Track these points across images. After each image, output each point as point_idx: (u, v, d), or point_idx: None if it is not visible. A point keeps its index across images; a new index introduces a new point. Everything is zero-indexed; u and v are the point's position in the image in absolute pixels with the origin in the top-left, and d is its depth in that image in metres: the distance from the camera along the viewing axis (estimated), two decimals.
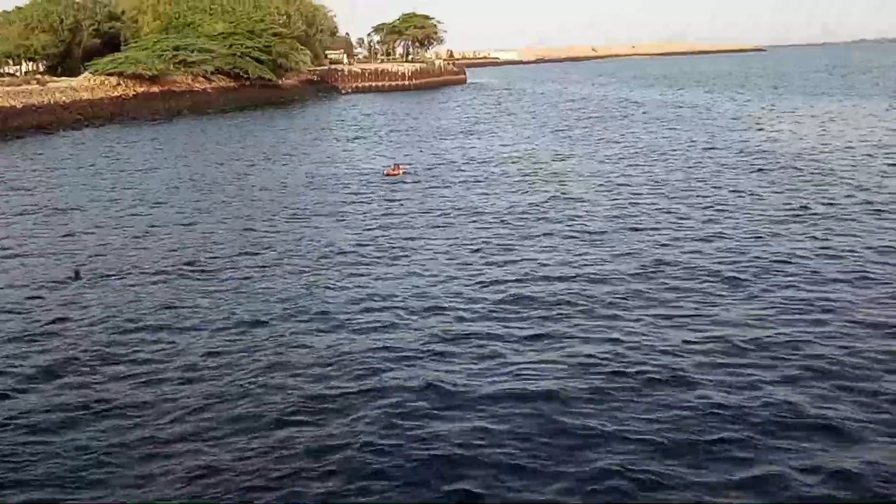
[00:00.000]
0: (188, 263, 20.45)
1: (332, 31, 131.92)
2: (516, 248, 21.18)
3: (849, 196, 26.21)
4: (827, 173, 30.75)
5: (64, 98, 67.20)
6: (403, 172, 34.15)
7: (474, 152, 41.99)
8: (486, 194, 29.40)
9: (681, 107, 69.05)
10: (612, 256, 19.86)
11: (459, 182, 32.32)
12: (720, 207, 25.40)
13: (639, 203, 26.66)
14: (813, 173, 30.89)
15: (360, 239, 22.82)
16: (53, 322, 16.08)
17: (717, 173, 32.17)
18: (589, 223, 23.82)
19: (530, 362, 13.32)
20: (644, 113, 63.95)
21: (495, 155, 40.62)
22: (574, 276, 18.17)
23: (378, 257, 20.66)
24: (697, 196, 27.49)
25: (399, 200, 28.66)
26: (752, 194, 27.29)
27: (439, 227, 24.18)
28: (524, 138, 48.66)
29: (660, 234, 22.03)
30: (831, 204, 25.10)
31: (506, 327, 15.03)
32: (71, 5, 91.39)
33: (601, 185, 30.67)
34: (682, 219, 23.95)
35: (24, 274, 20.01)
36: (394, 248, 21.66)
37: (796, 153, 36.38)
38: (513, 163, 37.67)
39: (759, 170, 32.38)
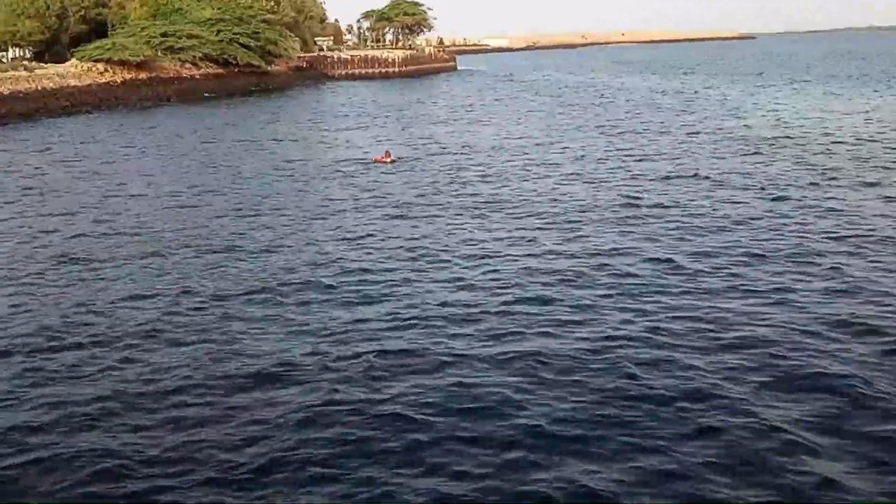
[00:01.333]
0: (172, 246, 20.43)
1: (321, 17, 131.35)
2: (506, 233, 21.28)
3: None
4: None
5: (51, 85, 66.70)
6: (391, 161, 34.01)
7: (464, 139, 41.97)
8: (476, 180, 29.43)
9: (664, 93, 69.33)
10: (592, 240, 19.98)
11: (448, 169, 32.30)
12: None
13: (626, 185, 26.80)
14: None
15: (346, 225, 22.85)
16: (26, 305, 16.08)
17: (696, 153, 32.45)
18: (575, 209, 23.94)
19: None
20: (627, 101, 64.12)
21: (485, 141, 40.63)
22: (559, 265, 18.25)
23: (364, 243, 20.68)
24: (676, 177, 27.64)
25: (387, 187, 28.66)
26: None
27: (427, 213, 24.21)
28: (514, 125, 48.70)
29: (657, 217, 22.15)
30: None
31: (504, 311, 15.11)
32: None
33: (585, 170, 30.81)
34: (676, 201, 24.07)
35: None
36: (380, 233, 21.70)
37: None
38: (503, 149, 37.70)
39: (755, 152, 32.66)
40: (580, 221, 22.41)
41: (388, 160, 34.01)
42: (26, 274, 18.56)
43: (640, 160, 32.91)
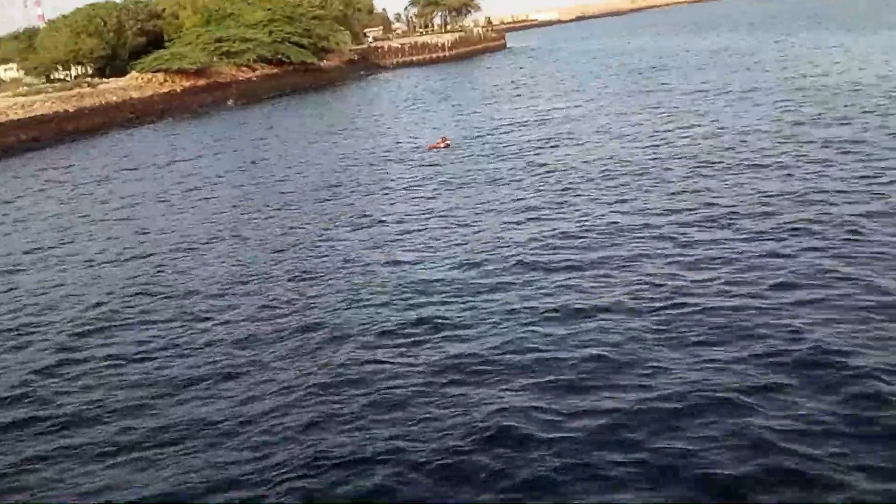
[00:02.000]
0: (259, 237, 21.51)
1: (368, 8, 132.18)
2: (565, 208, 21.77)
3: None
4: None
5: (115, 98, 68.93)
6: (446, 145, 34.63)
7: (518, 118, 42.29)
8: (533, 161, 29.78)
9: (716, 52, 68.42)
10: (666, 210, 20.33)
11: (503, 149, 32.78)
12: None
13: (683, 157, 26.94)
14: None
15: (404, 210, 23.61)
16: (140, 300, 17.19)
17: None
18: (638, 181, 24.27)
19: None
20: (679, 65, 63.51)
21: (539, 119, 40.89)
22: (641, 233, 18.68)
23: (426, 227, 21.40)
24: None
25: (443, 172, 29.28)
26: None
27: (484, 195, 24.79)
28: (568, 100, 48.76)
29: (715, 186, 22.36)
30: None
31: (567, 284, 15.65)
32: (113, 7, 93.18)
33: (645, 138, 30.99)
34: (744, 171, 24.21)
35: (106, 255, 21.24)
36: (440, 216, 22.40)
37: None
38: (559, 125, 38.03)
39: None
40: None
41: (443, 145, 34.63)
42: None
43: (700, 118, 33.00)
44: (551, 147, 31.84)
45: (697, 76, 51.91)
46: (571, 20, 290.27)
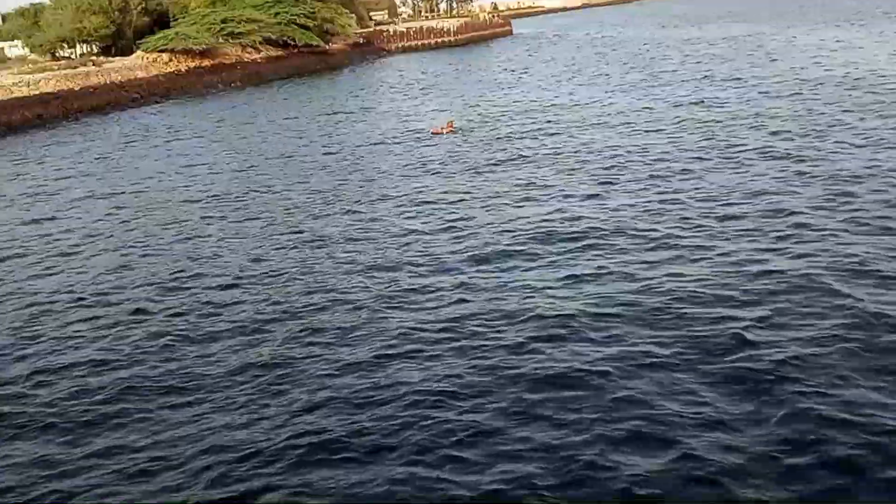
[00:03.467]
0: (258, 221, 21.57)
1: None
2: (573, 195, 21.83)
3: None
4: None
5: (119, 78, 68.77)
6: (451, 130, 34.59)
7: (524, 104, 42.28)
8: (536, 148, 29.85)
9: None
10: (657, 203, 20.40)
11: (509, 136, 32.82)
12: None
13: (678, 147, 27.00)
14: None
15: (408, 193, 23.68)
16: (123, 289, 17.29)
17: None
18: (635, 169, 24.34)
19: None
20: (686, 55, 63.47)
21: (545, 106, 40.88)
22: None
23: (427, 211, 21.48)
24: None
25: (449, 156, 29.32)
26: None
27: (486, 180, 24.86)
28: (575, 88, 48.71)
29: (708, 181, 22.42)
30: None
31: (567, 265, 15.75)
32: None
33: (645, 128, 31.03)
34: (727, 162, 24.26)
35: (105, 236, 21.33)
36: (440, 201, 22.48)
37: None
38: (564, 112, 38.08)
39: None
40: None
41: (447, 130, 34.58)
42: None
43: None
44: (556, 134, 31.88)
45: (693, 67, 51.90)
46: (578, 7, 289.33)
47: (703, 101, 36.27)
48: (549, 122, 35.12)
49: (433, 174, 26.58)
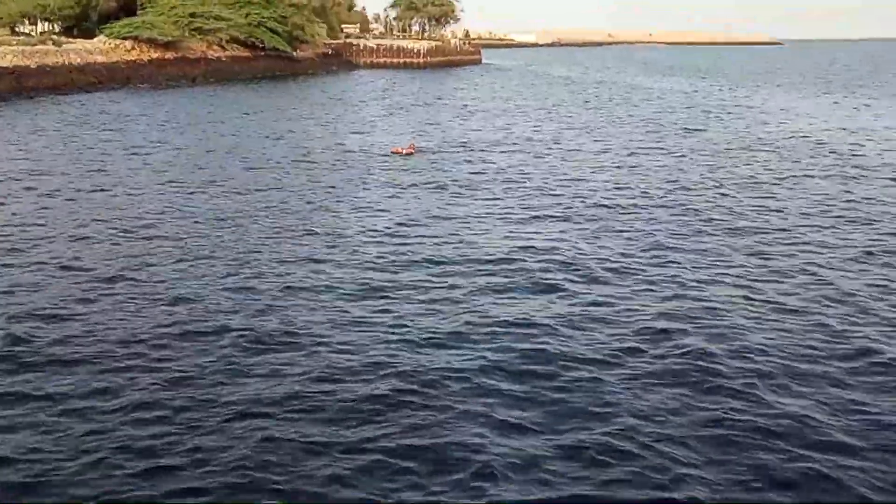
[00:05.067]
0: (177, 230, 20.77)
1: (349, 5, 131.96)
2: (524, 223, 21.50)
3: None
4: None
5: (79, 60, 67.37)
6: (407, 153, 33.94)
7: (487, 134, 42.05)
8: (497, 176, 29.56)
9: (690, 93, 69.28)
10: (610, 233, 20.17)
11: (469, 161, 32.50)
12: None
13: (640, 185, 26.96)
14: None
15: (361, 215, 23.13)
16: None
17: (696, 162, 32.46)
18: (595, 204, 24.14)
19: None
20: (649, 101, 64.16)
21: (508, 137, 40.72)
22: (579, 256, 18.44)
23: (378, 231, 20.95)
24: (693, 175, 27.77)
25: (406, 178, 28.83)
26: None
27: (443, 204, 24.44)
28: (536, 121, 48.75)
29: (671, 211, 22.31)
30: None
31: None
32: None
33: (607, 167, 30.98)
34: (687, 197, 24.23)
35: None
36: (394, 224, 21.96)
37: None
38: (526, 143, 37.99)
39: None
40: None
41: (406, 152, 34.03)
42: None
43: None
44: (518, 165, 31.64)
45: (644, 108, 52.48)
46: (548, 45, 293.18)
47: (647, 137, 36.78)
48: (510, 152, 34.90)
49: (386, 192, 26.07)
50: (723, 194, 26.29)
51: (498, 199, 25.39)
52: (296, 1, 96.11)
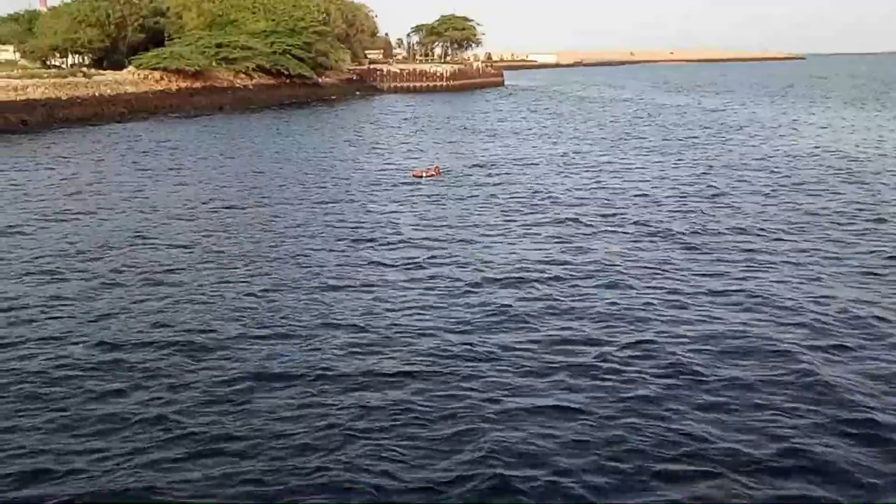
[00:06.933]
0: (207, 255, 21.34)
1: (372, 31, 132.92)
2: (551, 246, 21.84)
3: None
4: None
5: (109, 91, 68.68)
6: (428, 175, 34.32)
7: (511, 155, 42.44)
8: (522, 198, 29.90)
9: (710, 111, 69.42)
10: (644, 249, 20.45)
11: (494, 184, 32.87)
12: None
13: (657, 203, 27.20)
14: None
15: (390, 236, 23.59)
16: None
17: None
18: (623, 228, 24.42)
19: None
20: (674, 117, 64.36)
21: (531, 158, 41.09)
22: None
23: (400, 254, 21.38)
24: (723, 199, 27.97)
25: (429, 202, 29.24)
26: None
27: (469, 227, 24.84)
28: (562, 142, 49.09)
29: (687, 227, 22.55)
30: None
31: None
32: (118, 1, 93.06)
33: (631, 187, 31.26)
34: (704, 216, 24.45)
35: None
36: (416, 243, 22.39)
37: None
38: (552, 165, 38.42)
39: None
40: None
41: (428, 175, 34.39)
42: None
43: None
44: (544, 188, 31.95)
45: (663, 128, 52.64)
46: (569, 65, 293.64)
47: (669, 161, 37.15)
48: (533, 175, 35.26)
49: (411, 215, 26.53)
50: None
51: (529, 220, 25.76)
52: (320, 28, 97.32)
